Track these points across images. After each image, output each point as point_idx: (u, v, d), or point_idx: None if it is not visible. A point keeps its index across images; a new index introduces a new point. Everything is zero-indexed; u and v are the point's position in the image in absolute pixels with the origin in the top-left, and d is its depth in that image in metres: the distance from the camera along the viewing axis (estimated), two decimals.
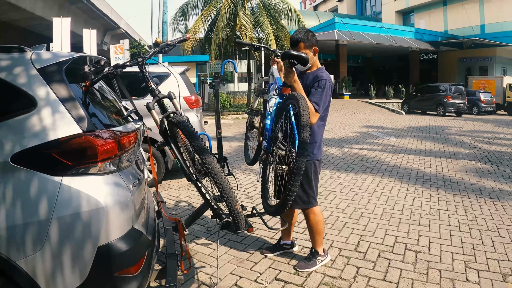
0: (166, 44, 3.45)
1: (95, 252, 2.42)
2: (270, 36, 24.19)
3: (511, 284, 3.95)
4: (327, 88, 3.82)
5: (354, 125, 19.26)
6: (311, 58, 3.89)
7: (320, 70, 3.98)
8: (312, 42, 3.90)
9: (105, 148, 2.52)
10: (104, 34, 38.11)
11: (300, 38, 3.83)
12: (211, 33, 26.05)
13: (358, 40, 34.93)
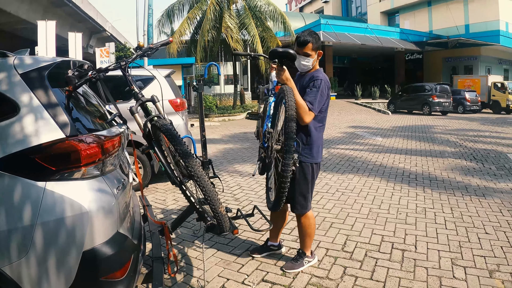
0: (149, 48, 3.45)
1: (80, 257, 2.42)
2: (256, 38, 24.21)
3: (497, 280, 4.00)
4: (322, 88, 3.82)
5: (340, 125, 19.32)
6: (315, 60, 3.94)
7: (317, 71, 3.98)
8: (318, 45, 3.93)
9: (88, 153, 2.52)
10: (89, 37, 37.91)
11: (308, 40, 3.83)
12: (196, 36, 26.01)
13: (343, 41, 35.06)
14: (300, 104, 3.66)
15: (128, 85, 3.26)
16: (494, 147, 12.55)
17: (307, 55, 3.87)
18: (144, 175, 7.29)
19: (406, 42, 40.31)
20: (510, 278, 4.03)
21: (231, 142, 14.04)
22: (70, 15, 30.22)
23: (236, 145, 13.39)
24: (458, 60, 42.85)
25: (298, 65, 3.96)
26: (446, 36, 40.43)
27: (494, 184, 7.84)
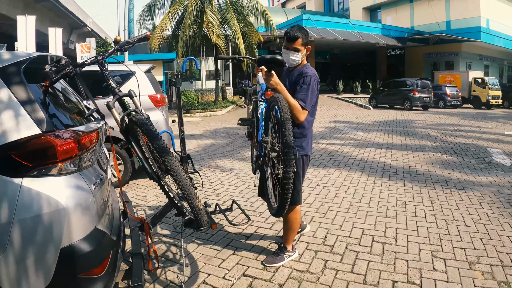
0: (126, 42, 3.42)
1: (58, 254, 2.39)
2: (238, 33, 24.16)
3: (477, 271, 4.05)
4: (312, 84, 3.84)
5: (322, 120, 19.36)
6: (304, 56, 3.96)
7: (305, 67, 3.99)
8: (307, 40, 3.93)
9: (65, 148, 2.49)
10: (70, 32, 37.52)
11: (298, 35, 3.83)
12: (178, 31, 25.88)
13: (325, 36, 35.08)
14: (293, 105, 3.71)
15: (105, 80, 3.23)
16: (474, 141, 12.68)
17: (296, 50, 3.88)
18: (124, 171, 7.24)
19: (387, 37, 40.49)
20: (490, 270, 4.08)
21: (212, 138, 14.02)
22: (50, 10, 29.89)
23: (217, 140, 13.37)
24: (439, 56, 43.27)
25: (287, 60, 3.98)
26: (427, 32, 40.74)
27: (474, 177, 7.93)
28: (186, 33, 23.88)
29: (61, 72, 2.99)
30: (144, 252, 4.25)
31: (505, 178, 7.81)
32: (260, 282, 3.88)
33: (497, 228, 5.23)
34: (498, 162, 9.43)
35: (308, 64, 4.07)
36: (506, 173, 8.29)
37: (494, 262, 4.26)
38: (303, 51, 3.92)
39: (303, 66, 4.02)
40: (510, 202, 6.25)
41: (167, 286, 3.82)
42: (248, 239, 4.91)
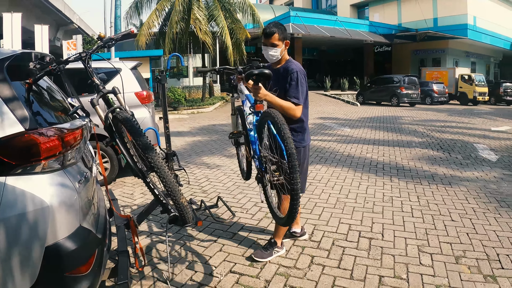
0: (110, 39, 3.40)
1: (43, 253, 2.37)
2: (225, 30, 24.10)
3: (464, 266, 4.08)
4: (300, 79, 3.96)
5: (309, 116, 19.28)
6: (282, 50, 4.05)
7: (289, 62, 4.11)
8: (285, 35, 4.04)
9: (48, 146, 2.47)
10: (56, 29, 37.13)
11: (274, 31, 3.94)
12: (165, 28, 25.77)
13: (313, 33, 35.14)
14: (287, 107, 3.90)
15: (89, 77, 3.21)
16: (461, 137, 12.78)
17: (274, 46, 3.98)
18: (111, 169, 7.20)
19: (375, 34, 40.66)
20: (476, 264, 4.12)
21: (199, 135, 13.98)
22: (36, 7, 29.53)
23: (204, 137, 13.34)
24: (426, 52, 43.57)
25: (267, 56, 4.09)
26: (414, 29, 41.05)
27: (460, 172, 7.99)
28: (173, 30, 23.78)
29: (45, 69, 2.96)
30: (131, 250, 4.24)
31: (491, 173, 7.88)
32: (247, 278, 3.88)
33: (483, 222, 5.28)
34: (484, 157, 9.51)
35: (291, 59, 4.18)
36: (492, 168, 8.36)
37: (480, 256, 4.30)
38: (281, 45, 4.02)
39: (287, 62, 4.14)
40: (496, 197, 6.31)
41: (154, 283, 3.81)
42: (235, 235, 4.91)
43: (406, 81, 29.64)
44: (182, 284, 3.78)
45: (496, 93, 34.30)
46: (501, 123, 17.18)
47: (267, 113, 3.50)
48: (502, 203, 6.02)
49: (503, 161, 9.06)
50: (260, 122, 3.67)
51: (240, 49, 25.81)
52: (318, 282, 3.80)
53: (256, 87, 3.72)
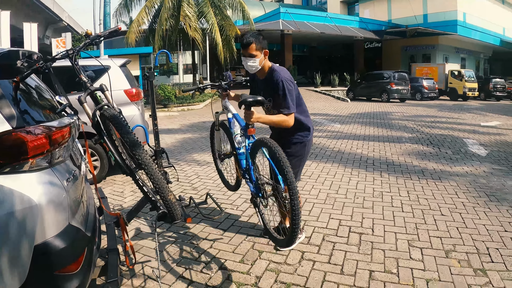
0: (97, 36, 3.38)
1: (32, 252, 2.35)
2: (215, 27, 24.04)
3: (454, 260, 4.11)
4: (286, 87, 3.91)
5: None
6: (262, 60, 4.01)
7: (273, 72, 4.05)
8: (263, 45, 3.98)
9: (36, 144, 2.45)
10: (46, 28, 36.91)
11: (251, 40, 3.91)
12: (155, 25, 25.62)
13: (303, 29, 35.14)
14: (280, 121, 3.93)
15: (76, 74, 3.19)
16: (451, 133, 12.84)
17: (252, 56, 3.95)
18: (101, 168, 7.17)
19: (365, 31, 40.76)
20: (466, 258, 4.15)
21: (189, 132, 13.94)
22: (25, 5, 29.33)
23: (194, 134, 13.30)
24: (416, 48, 43.81)
25: (246, 67, 4.08)
26: (404, 25, 41.15)
27: (450, 167, 8.02)
28: (163, 27, 23.67)
29: (32, 67, 2.94)
30: (121, 248, 4.23)
31: (481, 168, 7.92)
32: (237, 274, 3.88)
33: (473, 216, 5.31)
34: (474, 152, 9.56)
35: (273, 67, 4.13)
36: (481, 163, 8.41)
37: (470, 250, 4.32)
38: (260, 55, 3.98)
39: (270, 72, 4.10)
40: (485, 191, 6.35)
41: (145, 281, 3.80)
42: (225, 232, 4.91)
43: (396, 77, 29.71)
44: (173, 282, 3.77)
45: (486, 88, 34.54)
46: (491, 118, 17.27)
47: (261, 142, 3.60)
48: (491, 198, 6.06)
49: (493, 156, 9.11)
50: (254, 148, 3.77)
51: (230, 46, 25.76)
52: (308, 277, 3.80)
53: (248, 112, 3.75)
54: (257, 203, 3.91)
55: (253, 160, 3.83)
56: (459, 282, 3.68)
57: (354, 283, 3.71)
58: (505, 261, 4.07)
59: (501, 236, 4.69)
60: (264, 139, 3.58)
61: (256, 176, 3.77)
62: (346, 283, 3.71)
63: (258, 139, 3.69)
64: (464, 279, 3.73)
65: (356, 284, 3.70)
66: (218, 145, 4.99)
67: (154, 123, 4.47)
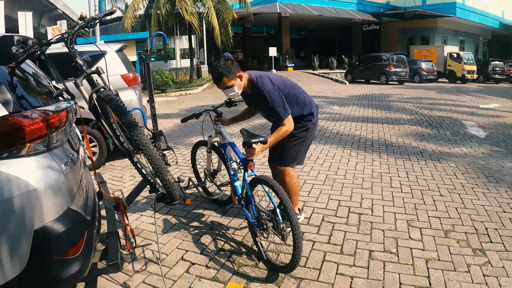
0: (92, 18, 3.35)
1: (32, 236, 2.35)
2: (211, 10, 23.86)
3: (453, 239, 4.13)
4: (271, 97, 3.85)
5: None
6: (240, 85, 3.95)
7: (255, 87, 3.99)
8: (233, 71, 3.86)
9: (33, 128, 2.44)
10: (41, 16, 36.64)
11: (221, 73, 3.81)
12: (151, 10, 25.41)
13: (300, 12, 34.95)
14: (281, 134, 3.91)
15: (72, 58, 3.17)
16: (449, 114, 12.82)
17: (228, 87, 3.90)
18: (100, 153, 7.16)
19: (363, 13, 40.57)
20: (465, 238, 4.17)
21: None
22: None
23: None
24: (415, 31, 43.57)
25: (228, 96, 4.12)
26: (403, 7, 40.95)
27: (448, 149, 8.03)
28: (159, 11, 23.50)
29: (27, 52, 2.92)
30: (122, 232, 4.25)
31: (480, 150, 7.93)
32: (238, 256, 3.92)
33: (472, 197, 5.33)
34: (473, 134, 9.56)
35: (252, 80, 4.03)
36: (480, 144, 8.41)
37: (469, 230, 4.35)
38: (235, 83, 3.90)
39: (253, 87, 4.04)
40: (484, 172, 6.36)
41: (146, 264, 3.81)
42: (224, 215, 4.93)
43: (394, 59, 29.57)
44: (173, 264, 3.79)
45: (484, 71, 34.44)
46: (490, 101, 17.23)
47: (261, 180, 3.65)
48: (490, 179, 6.07)
49: (491, 138, 9.11)
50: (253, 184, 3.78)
51: (226, 30, 25.61)
52: (308, 257, 3.82)
53: (250, 150, 3.74)
54: (256, 233, 3.85)
55: (252, 194, 3.79)
56: (458, 262, 3.70)
57: (354, 262, 3.74)
58: (504, 242, 4.09)
59: (500, 216, 4.71)
60: (264, 177, 3.60)
61: (257, 210, 3.71)
62: (346, 263, 3.73)
63: (257, 177, 3.70)
64: (463, 259, 3.75)
65: (356, 263, 3.72)
66: (208, 166, 5.03)
67: (151, 105, 4.45)
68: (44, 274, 2.48)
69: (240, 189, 4.08)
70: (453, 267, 3.63)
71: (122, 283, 3.49)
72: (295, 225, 3.26)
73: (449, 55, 34.59)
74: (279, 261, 3.76)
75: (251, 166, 3.80)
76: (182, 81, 27.72)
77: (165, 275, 3.58)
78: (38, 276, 2.44)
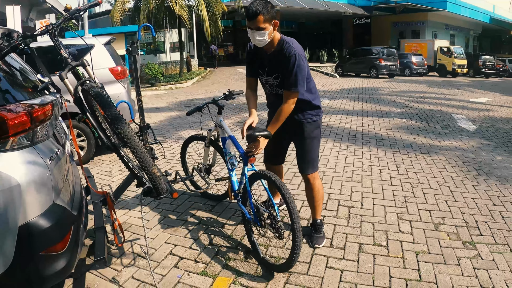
0: (76, 9, 3.28)
1: (17, 233, 2.31)
2: (201, 3, 23.79)
3: (443, 232, 4.15)
4: (298, 64, 3.47)
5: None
6: (271, 33, 3.46)
7: (285, 45, 3.57)
8: (272, 15, 3.40)
9: (16, 122, 2.39)
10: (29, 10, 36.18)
11: (258, 11, 3.30)
12: (140, 3, 25.31)
13: (290, 5, 34.90)
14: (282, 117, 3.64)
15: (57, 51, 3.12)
16: (439, 108, 12.86)
17: (260, 29, 3.40)
18: (88, 148, 7.10)
19: (354, 6, 40.62)
20: (455, 231, 4.19)
21: (177, 110, 13.84)
22: None
23: (182, 112, 13.17)
24: (405, 25, 43.73)
25: (253, 41, 3.57)
26: (394, 1, 41.04)
27: (438, 142, 8.05)
28: (148, 4, 23.38)
29: (11, 45, 2.87)
30: (110, 227, 4.21)
31: (469, 143, 7.95)
32: (226, 249, 3.90)
33: (462, 190, 5.34)
34: (463, 127, 9.59)
35: (284, 39, 3.64)
36: (470, 138, 8.44)
37: (459, 223, 4.36)
38: (269, 27, 3.41)
39: (281, 45, 3.60)
40: (474, 166, 6.38)
41: (135, 259, 3.78)
42: (213, 208, 4.92)
43: (385, 52, 29.70)
44: (162, 259, 3.76)
45: (475, 65, 34.69)
46: (480, 95, 17.30)
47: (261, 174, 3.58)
48: (480, 172, 6.09)
49: (481, 131, 9.14)
50: (252, 179, 3.67)
51: (216, 23, 25.55)
52: None
53: (256, 144, 3.63)
54: (251, 230, 3.76)
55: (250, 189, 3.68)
56: (448, 255, 3.71)
57: (344, 256, 3.74)
58: (494, 234, 4.11)
59: (490, 209, 4.72)
60: (265, 172, 3.53)
61: (256, 206, 3.60)
62: (336, 256, 3.73)
63: (258, 172, 3.61)
64: (453, 252, 3.76)
65: (346, 257, 3.72)
66: (205, 160, 4.87)
67: (138, 98, 4.40)
68: (30, 271, 2.44)
69: (237, 184, 3.96)
70: (443, 260, 3.63)
71: (111, 279, 3.46)
72: (296, 224, 3.21)
73: (439, 49, 34.76)
74: (274, 260, 3.70)
75: (251, 160, 3.70)
76: (171, 74, 27.65)
77: (154, 269, 3.55)
78: (23, 273, 2.41)
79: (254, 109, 3.88)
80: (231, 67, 34.65)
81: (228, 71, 31.05)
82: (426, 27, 42.15)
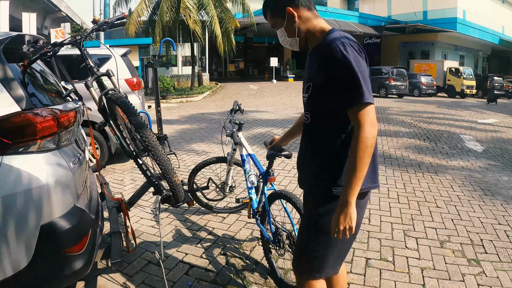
0: (104, 22, 3.42)
1: (39, 231, 2.40)
2: (215, 19, 23.97)
3: (448, 250, 4.20)
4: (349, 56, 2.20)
5: (297, 106, 19.36)
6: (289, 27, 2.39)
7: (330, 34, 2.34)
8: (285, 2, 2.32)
9: (44, 126, 2.50)
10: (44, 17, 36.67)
11: (265, 7, 2.45)
12: (154, 16, 25.54)
13: None
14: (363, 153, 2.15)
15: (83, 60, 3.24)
16: (448, 128, 12.90)
17: (274, 27, 2.46)
18: (101, 156, 7.21)
19: (364, 26, 40.70)
20: (460, 248, 4.24)
21: (188, 123, 13.96)
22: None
23: (193, 125, 13.32)
24: (415, 45, 43.80)
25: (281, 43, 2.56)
26: (404, 21, 41.15)
27: (446, 162, 8.10)
28: (163, 18, 23.62)
29: (40, 52, 2.99)
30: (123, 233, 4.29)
31: (476, 163, 8.00)
32: (237, 260, 3.97)
33: (468, 209, 5.40)
34: (470, 148, 9.64)
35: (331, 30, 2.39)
36: (477, 158, 8.49)
37: (464, 241, 4.42)
38: (282, 22, 2.37)
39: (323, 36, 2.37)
40: (480, 186, 6.43)
41: (147, 265, 3.87)
42: (225, 219, 4.99)
43: (394, 72, 29.71)
44: (173, 266, 3.84)
45: (484, 86, 34.50)
46: (488, 116, 17.34)
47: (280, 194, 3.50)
48: (486, 192, 6.14)
49: (489, 152, 9.19)
50: (271, 198, 3.62)
51: (229, 39, 25.71)
52: None
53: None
54: (269, 249, 3.71)
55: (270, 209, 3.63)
56: (453, 271, 3.77)
57: (351, 269, 3.80)
58: (499, 253, 4.16)
59: (495, 228, 4.78)
60: (285, 192, 3.45)
61: (275, 226, 3.55)
62: None
63: (277, 191, 3.55)
64: (458, 268, 3.82)
65: (353, 270, 3.78)
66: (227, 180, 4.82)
67: (157, 109, 4.51)
68: (49, 269, 2.52)
69: (256, 204, 3.91)
70: (448, 276, 3.69)
71: (122, 283, 3.54)
72: None
73: (448, 70, 34.70)
74: (291, 280, 3.60)
75: (271, 180, 3.61)
76: (183, 88, 27.80)
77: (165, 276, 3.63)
78: (42, 270, 2.48)
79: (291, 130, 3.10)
80: (242, 82, 34.76)
81: (239, 87, 31.14)
82: (435, 48, 42.22)
